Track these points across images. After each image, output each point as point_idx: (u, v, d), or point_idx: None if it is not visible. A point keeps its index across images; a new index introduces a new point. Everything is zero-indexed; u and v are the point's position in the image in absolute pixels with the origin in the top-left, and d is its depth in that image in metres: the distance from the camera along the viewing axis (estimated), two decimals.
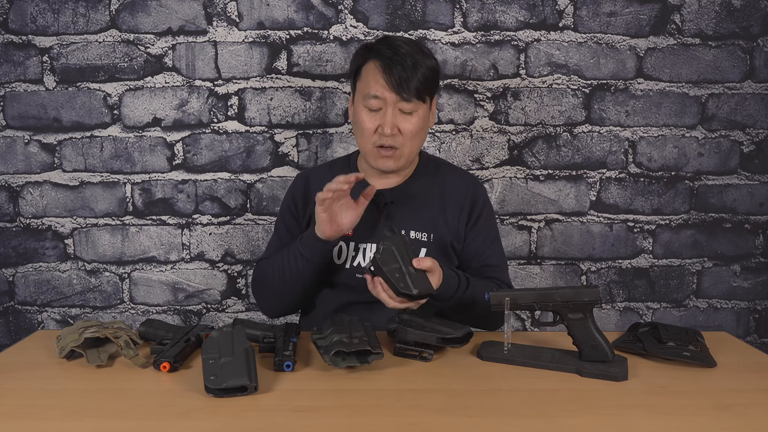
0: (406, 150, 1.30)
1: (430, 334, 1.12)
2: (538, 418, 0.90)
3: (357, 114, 1.31)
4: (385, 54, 1.26)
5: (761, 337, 1.99)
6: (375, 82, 1.26)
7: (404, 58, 1.25)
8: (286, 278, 1.31)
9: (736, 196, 1.92)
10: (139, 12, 1.81)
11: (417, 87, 1.25)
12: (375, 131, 1.28)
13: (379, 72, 1.26)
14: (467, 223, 1.38)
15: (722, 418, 0.91)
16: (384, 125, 1.26)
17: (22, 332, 1.92)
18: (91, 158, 1.86)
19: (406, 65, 1.24)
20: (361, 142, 1.32)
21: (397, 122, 1.27)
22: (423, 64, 1.26)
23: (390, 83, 1.24)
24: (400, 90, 1.24)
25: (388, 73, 1.24)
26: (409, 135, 1.28)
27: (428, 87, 1.28)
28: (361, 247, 1.34)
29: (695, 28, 1.85)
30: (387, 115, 1.26)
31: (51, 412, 0.91)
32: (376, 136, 1.28)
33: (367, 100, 1.27)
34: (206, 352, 0.99)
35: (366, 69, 1.29)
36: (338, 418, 0.89)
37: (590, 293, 1.08)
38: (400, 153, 1.30)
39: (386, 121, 1.26)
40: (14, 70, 1.82)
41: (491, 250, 1.39)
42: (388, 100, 1.26)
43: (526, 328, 1.97)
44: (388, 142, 1.27)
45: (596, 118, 1.88)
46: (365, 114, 1.28)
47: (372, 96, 1.26)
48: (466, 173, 1.47)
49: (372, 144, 1.29)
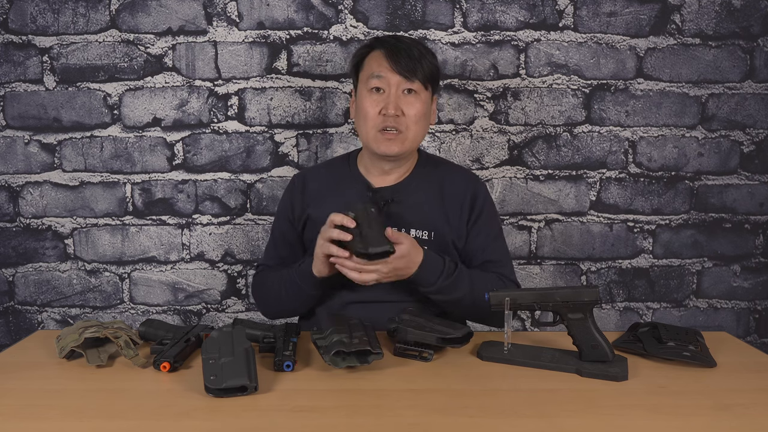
0: (410, 134, 1.30)
1: (430, 334, 1.12)
2: (538, 418, 0.90)
3: (360, 102, 1.31)
4: (389, 42, 1.30)
5: (761, 337, 1.99)
6: (378, 65, 1.29)
7: (409, 46, 1.29)
8: (283, 300, 1.36)
9: (736, 196, 1.92)
10: (139, 12, 1.81)
11: (419, 67, 1.28)
12: (379, 114, 1.28)
13: (384, 56, 1.28)
14: (468, 220, 1.37)
15: (722, 418, 0.91)
16: (388, 106, 1.27)
17: (22, 332, 1.92)
18: (91, 158, 1.86)
19: (410, 52, 1.28)
20: (364, 130, 1.31)
21: (400, 104, 1.28)
22: (426, 56, 1.30)
23: (394, 64, 1.27)
24: (402, 69, 1.26)
25: (392, 56, 1.27)
26: (413, 118, 1.29)
27: (429, 71, 1.30)
28: None
29: (695, 28, 1.85)
30: (390, 96, 1.28)
31: (51, 412, 0.91)
32: (379, 118, 1.28)
33: (371, 81, 1.29)
34: (206, 352, 0.99)
35: (370, 57, 1.32)
36: (338, 418, 0.89)
37: (590, 293, 1.08)
38: (404, 137, 1.29)
39: (390, 102, 1.27)
40: (14, 70, 1.82)
41: (493, 246, 1.39)
42: (391, 82, 1.28)
43: (526, 328, 1.97)
44: (392, 123, 1.28)
45: (596, 118, 1.88)
46: (368, 98, 1.29)
47: (376, 75, 1.28)
48: (466, 170, 1.47)
49: (375, 128, 1.29)
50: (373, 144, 1.31)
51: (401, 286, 1.27)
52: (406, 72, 1.27)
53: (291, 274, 1.32)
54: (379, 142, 1.29)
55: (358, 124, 1.34)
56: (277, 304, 1.40)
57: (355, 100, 1.36)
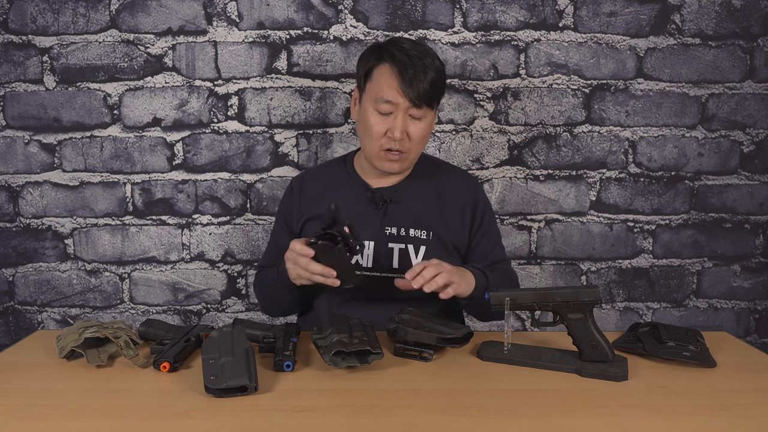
0: (412, 154, 1.32)
1: (430, 334, 1.12)
2: (538, 418, 0.90)
3: (365, 115, 1.31)
4: (398, 58, 1.26)
5: (761, 337, 1.99)
6: (388, 86, 1.26)
7: (416, 63, 1.26)
8: (275, 298, 1.39)
9: (736, 196, 1.92)
10: (139, 12, 1.81)
11: (429, 94, 1.26)
12: (384, 135, 1.28)
13: (393, 77, 1.26)
14: (472, 225, 1.39)
15: (722, 418, 0.91)
16: (394, 129, 1.27)
17: (22, 332, 1.92)
18: (91, 158, 1.86)
19: (418, 71, 1.25)
20: (367, 144, 1.32)
21: (406, 127, 1.28)
22: (433, 68, 1.28)
23: (403, 89, 1.25)
24: (412, 96, 1.25)
25: (401, 79, 1.25)
26: (417, 140, 1.30)
27: (438, 93, 1.30)
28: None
29: (695, 28, 1.85)
30: (398, 120, 1.27)
31: (51, 412, 0.91)
32: (384, 139, 1.29)
33: (379, 104, 1.27)
34: (206, 352, 1.00)
35: (379, 72, 1.29)
36: (338, 418, 0.89)
37: (590, 293, 1.08)
38: (405, 156, 1.31)
39: (396, 126, 1.27)
40: (14, 70, 1.82)
41: (497, 248, 1.44)
42: (400, 106, 1.27)
43: (526, 328, 1.97)
44: (397, 146, 1.28)
45: (596, 118, 1.88)
46: (375, 117, 1.29)
47: (384, 100, 1.27)
48: (464, 172, 1.48)
49: (379, 147, 1.30)
50: (375, 161, 1.32)
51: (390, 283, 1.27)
52: (416, 99, 1.25)
53: (274, 275, 1.34)
54: (382, 160, 1.31)
55: (361, 133, 1.34)
56: (270, 303, 1.44)
57: (358, 102, 1.36)
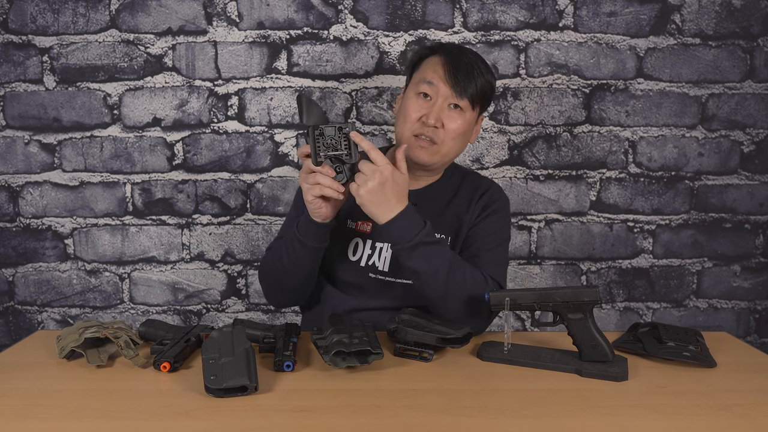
0: (444, 148, 1.28)
1: (430, 334, 1.12)
2: (538, 418, 0.90)
3: (405, 102, 1.30)
4: (452, 51, 1.28)
5: (761, 337, 1.99)
6: (433, 71, 1.27)
7: (471, 62, 1.26)
8: (285, 266, 1.28)
9: (736, 196, 1.92)
10: (139, 12, 1.81)
11: (472, 89, 1.26)
12: (419, 120, 1.26)
13: (441, 64, 1.26)
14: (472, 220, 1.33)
15: (722, 418, 0.91)
16: (429, 115, 1.25)
17: (22, 332, 1.92)
18: (91, 158, 1.86)
19: (469, 69, 1.25)
20: (400, 130, 1.29)
21: (442, 116, 1.26)
22: (485, 75, 1.27)
23: (448, 76, 1.25)
24: (455, 84, 1.24)
25: (449, 67, 1.25)
26: (452, 134, 1.27)
27: (482, 94, 1.28)
28: (378, 246, 1.32)
29: (695, 28, 1.85)
30: (435, 106, 1.26)
31: (51, 412, 0.91)
32: (418, 124, 1.26)
33: (421, 84, 1.27)
34: (206, 352, 0.99)
35: (428, 61, 1.30)
36: (338, 418, 0.89)
37: (590, 293, 1.08)
38: (437, 149, 1.27)
39: (432, 112, 1.25)
40: (14, 70, 1.82)
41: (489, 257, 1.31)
42: (440, 92, 1.25)
43: (526, 328, 1.97)
44: (429, 132, 1.26)
45: (596, 118, 1.88)
46: (413, 101, 1.28)
47: (426, 81, 1.26)
48: (491, 181, 1.43)
49: (411, 131, 1.27)
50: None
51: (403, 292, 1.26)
52: (457, 87, 1.24)
53: (291, 234, 1.26)
54: (411, 146, 1.28)
55: (398, 122, 1.32)
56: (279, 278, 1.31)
57: (402, 97, 1.35)
